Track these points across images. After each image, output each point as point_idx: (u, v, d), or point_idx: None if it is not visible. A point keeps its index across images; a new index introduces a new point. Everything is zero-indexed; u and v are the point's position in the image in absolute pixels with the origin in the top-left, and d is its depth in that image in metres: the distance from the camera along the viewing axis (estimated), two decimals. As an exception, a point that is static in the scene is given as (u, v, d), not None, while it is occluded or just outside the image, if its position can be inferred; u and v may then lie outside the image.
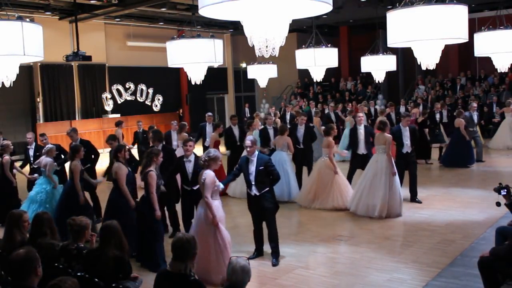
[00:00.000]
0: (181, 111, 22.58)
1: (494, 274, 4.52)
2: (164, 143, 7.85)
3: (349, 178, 9.30)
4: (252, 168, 6.17)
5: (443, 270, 5.82)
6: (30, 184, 8.90)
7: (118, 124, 13.13)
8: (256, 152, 6.25)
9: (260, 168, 6.13)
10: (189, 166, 6.80)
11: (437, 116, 13.62)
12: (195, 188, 6.65)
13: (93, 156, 8.92)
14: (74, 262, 4.23)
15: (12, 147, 8.96)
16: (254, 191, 6.17)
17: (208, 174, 5.66)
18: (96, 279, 3.93)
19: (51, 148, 8.17)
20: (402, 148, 8.92)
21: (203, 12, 3.94)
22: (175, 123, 11.26)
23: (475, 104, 13.77)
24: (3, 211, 5.21)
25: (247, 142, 6.26)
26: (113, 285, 3.99)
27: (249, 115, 23.15)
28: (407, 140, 8.89)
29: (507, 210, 5.15)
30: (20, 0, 15.09)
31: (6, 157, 8.57)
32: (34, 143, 9.70)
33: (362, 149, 9.27)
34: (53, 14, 17.50)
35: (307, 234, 7.25)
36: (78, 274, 3.96)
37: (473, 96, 18.87)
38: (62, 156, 9.24)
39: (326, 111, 17.02)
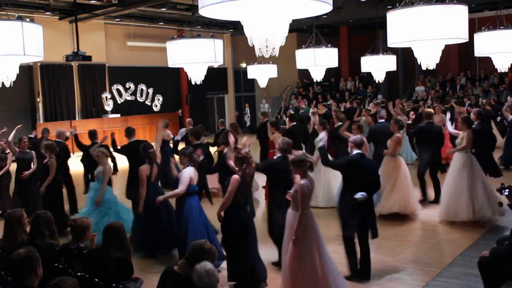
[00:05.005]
0: (180, 111, 22.57)
1: (494, 274, 4.52)
2: None
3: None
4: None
5: (443, 270, 5.82)
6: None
7: (166, 125, 11.42)
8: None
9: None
10: None
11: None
12: None
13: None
14: (74, 262, 4.22)
15: (58, 149, 8.15)
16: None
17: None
18: (96, 279, 3.93)
19: (104, 151, 7.57)
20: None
21: (203, 12, 3.94)
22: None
23: None
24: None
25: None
26: (113, 285, 3.99)
27: (249, 115, 23.18)
28: None
29: (508, 210, 5.15)
30: (20, 0, 15.09)
31: (52, 160, 7.87)
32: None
33: None
34: (53, 14, 17.50)
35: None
36: (78, 274, 3.96)
37: (473, 96, 18.88)
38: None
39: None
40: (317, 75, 13.08)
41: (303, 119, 11.25)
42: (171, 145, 10.78)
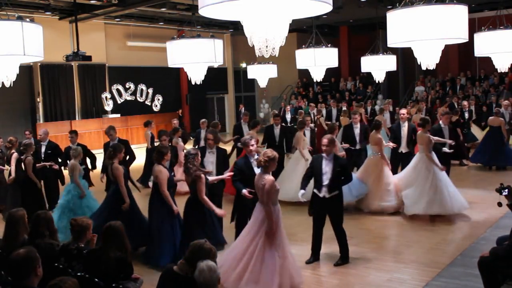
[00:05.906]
0: (180, 111, 22.60)
1: (494, 274, 4.52)
2: None
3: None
4: (327, 168, 6.02)
5: (443, 270, 5.83)
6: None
7: (147, 124, 11.71)
8: (332, 153, 6.12)
9: (338, 169, 6.01)
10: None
11: (466, 114, 14.34)
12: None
13: (127, 157, 8.96)
14: (74, 262, 4.22)
15: (34, 146, 8.56)
16: (324, 193, 6.04)
17: (268, 178, 5.22)
18: (96, 279, 3.93)
19: (79, 150, 7.83)
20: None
21: (203, 12, 3.94)
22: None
23: (506, 102, 13.83)
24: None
25: (324, 141, 6.08)
26: (113, 285, 3.99)
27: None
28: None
29: (507, 210, 5.14)
30: (20, 0, 15.10)
31: (29, 158, 8.17)
32: (47, 140, 9.54)
33: (403, 147, 9.42)
34: (53, 14, 17.51)
35: (307, 234, 7.21)
36: (78, 274, 3.96)
37: (473, 96, 18.89)
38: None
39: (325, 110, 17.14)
40: (317, 75, 13.08)
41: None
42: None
